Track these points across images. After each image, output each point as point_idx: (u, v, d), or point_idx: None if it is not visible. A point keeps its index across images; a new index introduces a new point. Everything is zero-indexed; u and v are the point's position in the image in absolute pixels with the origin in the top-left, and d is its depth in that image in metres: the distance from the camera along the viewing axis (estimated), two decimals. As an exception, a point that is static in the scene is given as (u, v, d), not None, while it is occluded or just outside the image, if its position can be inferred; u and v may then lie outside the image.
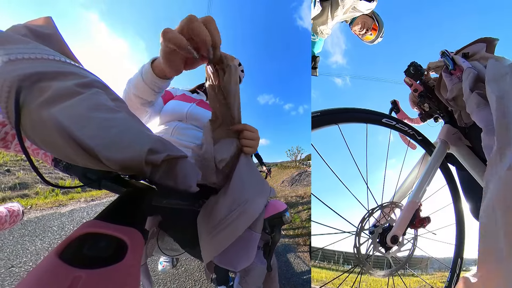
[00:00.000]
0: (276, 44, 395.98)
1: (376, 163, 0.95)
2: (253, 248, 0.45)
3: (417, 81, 0.92)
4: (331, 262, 12.18)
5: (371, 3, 1.21)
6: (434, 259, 1.07)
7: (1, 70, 0.25)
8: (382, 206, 0.74)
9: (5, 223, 0.83)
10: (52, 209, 2.74)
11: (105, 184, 0.34)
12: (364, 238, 0.71)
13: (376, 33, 1.38)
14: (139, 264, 0.23)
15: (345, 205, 2.47)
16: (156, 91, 0.56)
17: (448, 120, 0.89)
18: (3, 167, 3.97)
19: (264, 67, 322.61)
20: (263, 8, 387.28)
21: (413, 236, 0.78)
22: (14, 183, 3.42)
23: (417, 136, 0.88)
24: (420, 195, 0.74)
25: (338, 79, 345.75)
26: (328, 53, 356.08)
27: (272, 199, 0.57)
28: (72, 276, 0.17)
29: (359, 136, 0.81)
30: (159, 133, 0.76)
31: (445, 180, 0.93)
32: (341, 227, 0.70)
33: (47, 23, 0.35)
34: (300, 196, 6.12)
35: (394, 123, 0.83)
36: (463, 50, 0.79)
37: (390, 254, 0.73)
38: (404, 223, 0.72)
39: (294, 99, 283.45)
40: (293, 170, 12.61)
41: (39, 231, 1.96)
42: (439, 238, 0.85)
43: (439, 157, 0.81)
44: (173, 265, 1.33)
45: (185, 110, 0.77)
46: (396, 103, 1.08)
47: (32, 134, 0.27)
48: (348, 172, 1.40)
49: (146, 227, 0.34)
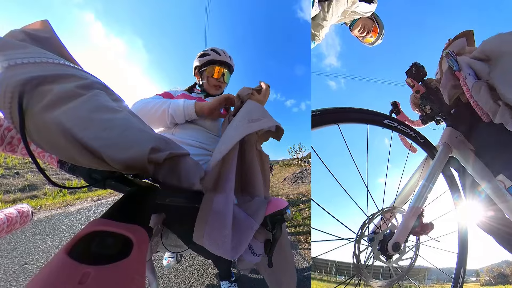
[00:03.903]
0: (277, 37, 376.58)
1: (377, 166, 0.92)
2: (246, 238, 0.45)
3: (419, 82, 0.88)
4: (322, 272, 11.44)
5: (371, 5, 1.17)
6: (432, 269, 1.02)
7: (2, 76, 0.25)
8: (383, 211, 0.70)
9: (16, 224, 0.86)
10: (61, 208, 2.82)
11: (110, 183, 0.35)
12: (363, 246, 0.66)
13: (376, 35, 1.36)
14: (145, 260, 0.23)
15: (345, 209, 2.45)
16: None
17: (451, 123, 0.85)
18: (12, 170, 4.07)
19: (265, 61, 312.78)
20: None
21: (414, 243, 0.73)
22: (24, 185, 3.51)
23: (419, 138, 0.85)
24: (423, 200, 0.70)
25: (332, 82, 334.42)
26: (322, 55, 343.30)
27: (273, 196, 0.58)
28: (81, 272, 0.18)
29: (359, 137, 0.78)
30: (160, 132, 0.77)
31: (447, 185, 0.88)
32: (340, 234, 0.65)
33: (44, 27, 0.36)
34: (301, 193, 6.15)
35: (396, 125, 0.79)
36: (448, 48, 0.77)
37: (391, 263, 0.68)
38: (406, 229, 0.67)
39: (296, 95, 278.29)
40: (295, 168, 12.59)
41: (49, 230, 2.02)
42: (441, 246, 0.80)
43: (442, 161, 0.78)
44: (177, 261, 1.36)
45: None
46: (396, 105, 1.04)
47: (36, 138, 0.28)
48: (348, 175, 1.38)
49: (150, 225, 0.35)
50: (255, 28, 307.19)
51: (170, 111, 0.71)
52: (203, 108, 0.71)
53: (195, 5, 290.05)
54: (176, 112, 0.71)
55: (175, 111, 0.71)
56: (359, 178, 0.69)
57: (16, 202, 2.86)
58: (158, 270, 1.40)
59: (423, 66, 0.87)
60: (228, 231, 0.42)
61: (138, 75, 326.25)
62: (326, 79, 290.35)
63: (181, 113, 0.71)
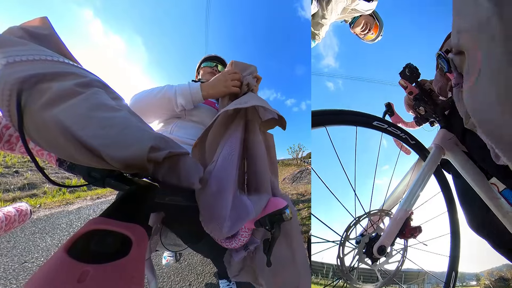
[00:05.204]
0: (277, 36, 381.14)
1: (370, 169, 0.92)
2: (241, 221, 0.44)
3: (413, 84, 0.88)
4: (318, 275, 11.37)
5: (370, 3, 1.18)
6: (429, 273, 1.02)
7: (1, 74, 0.25)
8: (370, 213, 0.69)
9: (15, 222, 0.86)
10: (60, 207, 2.82)
11: (109, 182, 0.35)
12: (349, 249, 0.66)
13: (377, 32, 1.38)
14: (144, 259, 0.23)
15: (334, 212, 2.43)
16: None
17: (444, 125, 0.84)
18: (11, 169, 4.06)
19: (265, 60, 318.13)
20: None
21: (403, 247, 0.73)
22: (23, 183, 3.50)
23: (410, 140, 0.83)
24: (412, 203, 0.69)
25: (330, 83, 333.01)
26: (320, 56, 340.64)
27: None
28: (80, 270, 0.18)
29: (360, 137, 0.77)
30: (159, 131, 0.76)
31: (439, 187, 0.87)
32: (326, 237, 0.64)
33: (43, 24, 0.35)
34: (301, 193, 6.15)
35: (385, 126, 0.78)
36: (443, 47, 0.76)
37: (377, 266, 0.68)
38: (392, 232, 0.66)
39: (296, 95, 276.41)
40: (294, 168, 12.59)
41: (49, 228, 2.02)
42: (433, 249, 0.79)
43: (433, 163, 0.76)
44: (176, 259, 1.37)
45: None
46: (390, 106, 1.04)
47: (35, 136, 0.27)
48: (338, 177, 1.38)
49: (149, 223, 0.35)
50: (256, 25, 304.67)
51: (178, 95, 0.68)
52: (209, 95, 0.69)
53: (196, 2, 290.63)
54: (183, 92, 0.68)
55: (183, 92, 0.68)
56: (357, 180, 0.69)
57: (15, 201, 2.85)
58: (157, 269, 1.40)
59: (417, 67, 0.86)
60: (227, 205, 0.42)
61: (138, 73, 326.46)
62: (324, 80, 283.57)
63: (188, 93, 0.68)
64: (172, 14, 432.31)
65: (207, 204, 0.42)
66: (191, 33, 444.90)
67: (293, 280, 0.59)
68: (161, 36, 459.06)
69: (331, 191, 0.66)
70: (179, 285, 1.32)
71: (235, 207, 0.43)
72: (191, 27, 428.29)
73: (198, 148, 0.54)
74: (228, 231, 0.41)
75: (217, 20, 19.97)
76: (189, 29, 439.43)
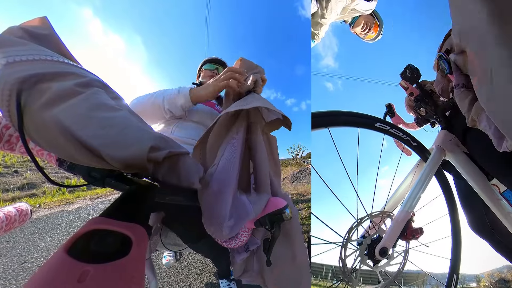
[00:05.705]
0: (277, 35, 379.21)
1: (370, 169, 0.91)
2: (242, 221, 0.44)
3: (413, 85, 0.88)
4: (317, 277, 11.30)
5: (370, 3, 1.18)
6: (429, 274, 1.01)
7: (0, 74, 0.25)
8: (372, 215, 0.69)
9: (15, 222, 0.86)
10: (60, 207, 2.81)
11: (109, 182, 0.35)
12: (351, 250, 0.65)
13: (377, 31, 1.38)
14: (144, 258, 0.23)
15: (333, 212, 2.41)
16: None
17: (445, 126, 0.84)
18: (11, 169, 4.05)
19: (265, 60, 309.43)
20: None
21: (404, 249, 0.73)
22: (23, 183, 3.50)
23: (412, 142, 0.83)
24: (413, 205, 0.69)
25: (329, 84, 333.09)
26: (319, 56, 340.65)
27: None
28: (81, 270, 0.18)
29: (363, 138, 0.77)
30: (160, 131, 0.76)
31: (441, 189, 0.86)
32: (326, 237, 0.63)
33: (43, 23, 0.35)
34: (300, 193, 6.15)
35: (387, 128, 0.78)
36: (443, 47, 0.76)
37: (378, 268, 0.68)
38: (394, 234, 0.66)
39: (296, 94, 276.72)
40: (294, 168, 12.57)
41: (48, 228, 2.02)
42: (434, 251, 0.79)
43: (434, 164, 0.76)
44: (176, 259, 1.37)
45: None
46: (391, 107, 1.04)
47: (35, 136, 0.27)
48: (337, 177, 1.37)
49: (149, 223, 0.35)
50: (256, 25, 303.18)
51: (166, 103, 0.68)
52: (199, 97, 0.67)
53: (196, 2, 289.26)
54: (171, 99, 0.67)
55: (170, 98, 0.68)
56: (358, 181, 0.69)
57: (15, 201, 2.85)
58: (157, 269, 1.40)
59: (417, 68, 0.86)
60: (227, 206, 0.42)
61: (138, 73, 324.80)
62: (323, 80, 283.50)
63: (176, 99, 0.67)
64: (172, 14, 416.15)
65: (208, 204, 0.42)
66: (191, 33, 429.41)
67: (295, 280, 0.59)
68: (161, 36, 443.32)
69: (333, 193, 0.67)
70: (179, 285, 1.32)
71: (234, 207, 0.43)
72: (191, 26, 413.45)
73: (199, 150, 0.53)
74: (229, 233, 0.41)
75: (217, 19, 19.53)
76: (189, 29, 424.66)
